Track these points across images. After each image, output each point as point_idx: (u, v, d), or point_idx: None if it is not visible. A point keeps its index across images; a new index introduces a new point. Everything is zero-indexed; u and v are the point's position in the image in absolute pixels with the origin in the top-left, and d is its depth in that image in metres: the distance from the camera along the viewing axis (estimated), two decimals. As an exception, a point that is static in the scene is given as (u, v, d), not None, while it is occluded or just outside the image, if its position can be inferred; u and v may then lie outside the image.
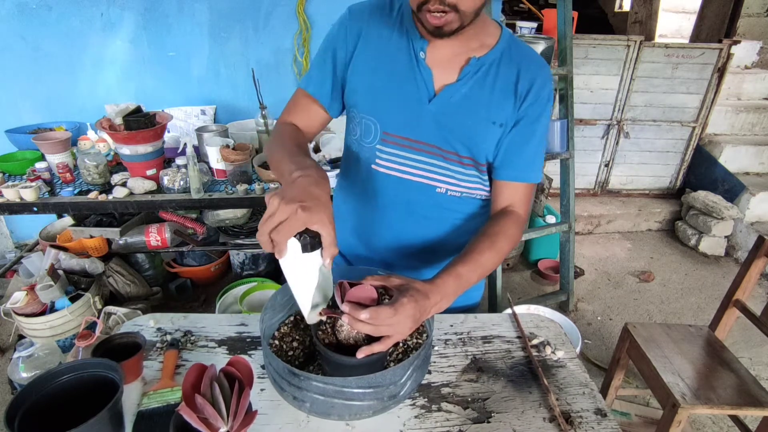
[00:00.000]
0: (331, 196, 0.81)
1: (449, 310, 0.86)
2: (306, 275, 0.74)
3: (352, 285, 0.75)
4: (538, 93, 0.92)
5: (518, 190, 0.97)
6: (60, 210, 1.97)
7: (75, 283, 2.07)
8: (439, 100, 0.91)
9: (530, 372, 0.92)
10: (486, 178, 1.01)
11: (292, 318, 0.95)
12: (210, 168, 2.13)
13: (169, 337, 0.97)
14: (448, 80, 0.91)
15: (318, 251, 0.71)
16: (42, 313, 1.89)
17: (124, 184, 1.95)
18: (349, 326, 0.75)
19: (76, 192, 1.93)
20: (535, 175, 0.97)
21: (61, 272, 2.01)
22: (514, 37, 0.95)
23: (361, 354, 0.72)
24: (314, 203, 0.68)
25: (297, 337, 0.91)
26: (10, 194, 1.85)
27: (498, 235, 0.90)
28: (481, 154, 0.95)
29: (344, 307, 0.71)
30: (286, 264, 0.71)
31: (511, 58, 0.92)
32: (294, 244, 0.69)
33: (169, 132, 2.42)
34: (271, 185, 2.00)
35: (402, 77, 0.92)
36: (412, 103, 0.92)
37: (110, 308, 1.91)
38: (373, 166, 0.99)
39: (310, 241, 0.69)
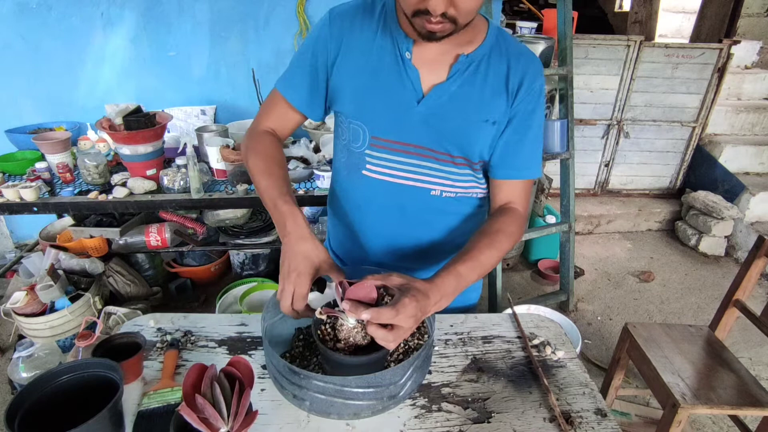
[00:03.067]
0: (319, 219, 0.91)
1: (447, 311, 0.86)
2: None
3: (351, 284, 0.75)
4: (530, 87, 0.90)
5: (517, 188, 0.96)
6: (60, 210, 1.97)
7: (75, 283, 2.07)
8: (428, 101, 0.89)
9: (530, 372, 0.92)
10: (481, 176, 0.99)
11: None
12: (210, 168, 2.12)
13: (169, 337, 0.97)
14: (437, 80, 0.89)
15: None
16: (42, 313, 1.89)
17: (124, 184, 1.95)
18: (349, 326, 0.75)
19: (76, 192, 1.92)
20: (534, 171, 0.96)
21: (61, 272, 2.01)
22: (502, 30, 0.93)
23: (365, 314, 0.69)
24: (303, 263, 0.79)
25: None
26: (10, 194, 1.85)
27: (498, 233, 0.89)
28: (474, 153, 0.93)
29: (344, 305, 0.71)
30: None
31: (500, 53, 0.90)
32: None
33: (169, 132, 2.42)
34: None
35: (388, 79, 0.89)
36: (401, 106, 0.90)
37: (110, 308, 1.91)
38: (363, 172, 0.97)
39: (320, 283, 0.82)
